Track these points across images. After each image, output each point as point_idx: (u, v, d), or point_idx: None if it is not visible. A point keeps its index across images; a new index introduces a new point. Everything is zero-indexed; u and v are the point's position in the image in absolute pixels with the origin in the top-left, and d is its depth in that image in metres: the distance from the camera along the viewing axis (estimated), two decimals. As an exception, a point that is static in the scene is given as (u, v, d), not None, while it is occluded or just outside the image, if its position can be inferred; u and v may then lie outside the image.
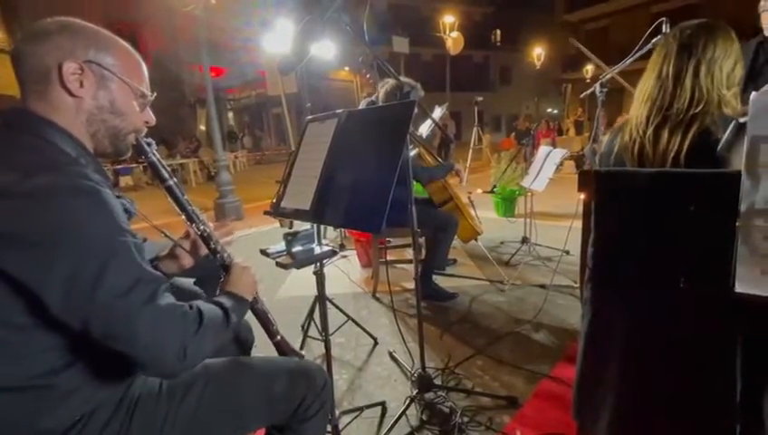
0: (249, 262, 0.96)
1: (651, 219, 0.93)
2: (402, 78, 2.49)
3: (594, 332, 1.12)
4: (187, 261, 0.97)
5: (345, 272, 3.16)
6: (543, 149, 2.83)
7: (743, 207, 0.54)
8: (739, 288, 0.49)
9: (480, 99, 7.11)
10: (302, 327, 2.15)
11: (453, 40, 9.04)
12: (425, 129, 3.87)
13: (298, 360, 0.96)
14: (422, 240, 2.71)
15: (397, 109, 1.07)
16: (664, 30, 1.72)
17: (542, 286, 2.65)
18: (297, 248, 1.09)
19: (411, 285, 2.71)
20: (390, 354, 1.94)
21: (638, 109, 1.10)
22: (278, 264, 1.06)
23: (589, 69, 16.56)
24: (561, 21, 21.06)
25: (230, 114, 20.48)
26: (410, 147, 2.76)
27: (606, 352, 1.11)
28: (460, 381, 1.73)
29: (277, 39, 5.27)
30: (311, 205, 1.08)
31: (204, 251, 0.96)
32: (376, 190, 0.94)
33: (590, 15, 19.73)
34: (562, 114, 16.53)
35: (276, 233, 4.08)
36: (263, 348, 1.15)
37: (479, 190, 5.80)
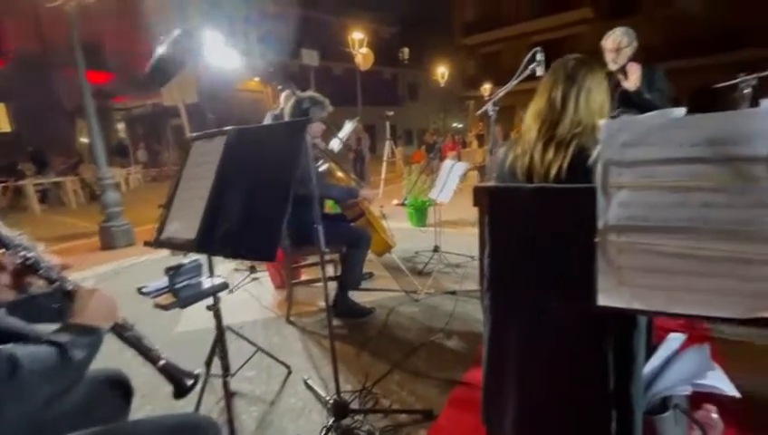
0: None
1: (532, 233, 1.02)
2: (307, 93, 2.43)
3: (494, 339, 1.17)
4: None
5: (256, 296, 2.95)
6: (447, 162, 3.00)
7: (600, 224, 0.60)
8: (601, 301, 0.54)
9: (391, 113, 7.35)
10: (206, 364, 1.93)
11: (363, 56, 9.28)
12: (336, 143, 3.85)
13: (182, 415, 0.83)
14: (336, 257, 2.66)
15: (289, 127, 1.01)
16: (538, 58, 1.95)
17: (453, 293, 2.77)
18: (182, 284, 0.95)
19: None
20: (305, 382, 1.84)
21: (530, 126, 1.22)
22: (157, 305, 0.91)
23: (486, 87, 18.31)
24: (461, 44, 23.06)
25: (121, 125, 18.19)
26: (320, 162, 2.72)
27: (505, 357, 1.17)
28: (378, 401, 1.70)
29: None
30: (196, 233, 0.96)
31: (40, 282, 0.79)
32: (268, 215, 0.87)
33: (485, 40, 21.95)
34: (466, 128, 18.01)
35: (177, 260, 3.67)
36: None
37: (395, 201, 5.95)
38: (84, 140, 13.19)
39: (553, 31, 19.25)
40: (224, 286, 1.02)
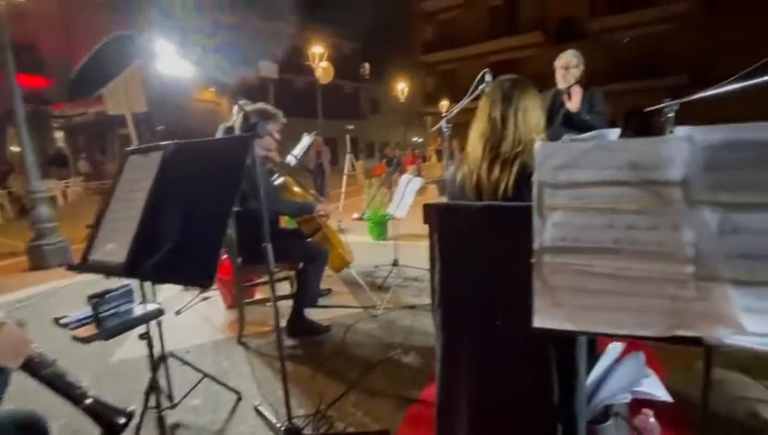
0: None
1: (480, 250, 1.04)
2: (257, 105, 2.38)
3: (446, 355, 1.17)
4: None
5: (206, 317, 2.79)
6: (404, 177, 3.03)
7: (535, 245, 0.61)
8: (537, 323, 0.54)
9: (351, 127, 7.38)
10: (145, 395, 1.78)
11: (323, 70, 9.29)
12: (294, 156, 3.78)
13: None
14: (293, 273, 2.58)
15: (232, 143, 0.97)
16: (487, 79, 2.04)
17: (412, 307, 2.77)
18: (108, 313, 0.87)
19: (283, 324, 2.53)
20: (255, 409, 1.74)
21: (474, 145, 1.26)
22: (76, 338, 0.82)
23: (444, 104, 18.92)
24: (420, 61, 23.79)
25: (59, 134, 16.86)
26: (275, 176, 2.65)
27: (457, 373, 1.17)
28: (332, 425, 1.64)
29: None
30: (126, 256, 0.89)
31: None
32: (205, 237, 0.81)
33: (443, 58, 22.78)
34: (426, 143, 18.44)
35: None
36: None
37: (355, 215, 5.92)
38: (15, 148, 12.07)
39: (507, 52, 20.37)
40: (157, 313, 0.94)
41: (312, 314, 2.57)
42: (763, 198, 0.54)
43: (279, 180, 2.59)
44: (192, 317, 2.82)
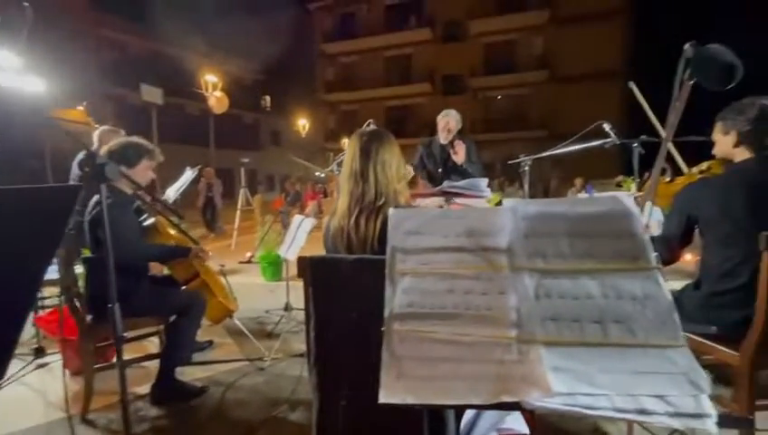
0: None
1: (354, 306, 1.02)
2: (128, 140, 2.12)
3: (322, 417, 1.11)
4: None
5: (40, 390, 2.24)
6: (296, 218, 2.95)
7: (386, 313, 0.62)
8: (382, 398, 0.53)
9: (246, 160, 7.04)
10: None
11: (216, 99, 8.82)
12: (173, 191, 3.43)
13: None
14: (162, 328, 2.25)
15: (56, 194, 0.81)
16: (372, 127, 2.15)
17: (302, 355, 2.62)
18: None
19: (145, 390, 2.16)
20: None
21: (342, 199, 1.26)
22: None
23: (345, 141, 19.50)
24: (322, 99, 24.38)
25: None
26: (145, 216, 2.33)
27: (335, 433, 1.11)
28: None
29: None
30: None
31: None
32: (2, 309, 0.64)
33: (344, 99, 23.73)
34: (328, 178, 18.56)
35: None
36: None
37: (248, 254, 5.53)
38: None
39: (401, 98, 22.20)
40: None
41: (188, 372, 2.26)
42: (569, 265, 0.63)
43: (149, 221, 2.29)
44: (20, 392, 2.23)
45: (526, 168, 2.54)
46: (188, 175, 3.40)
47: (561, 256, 0.63)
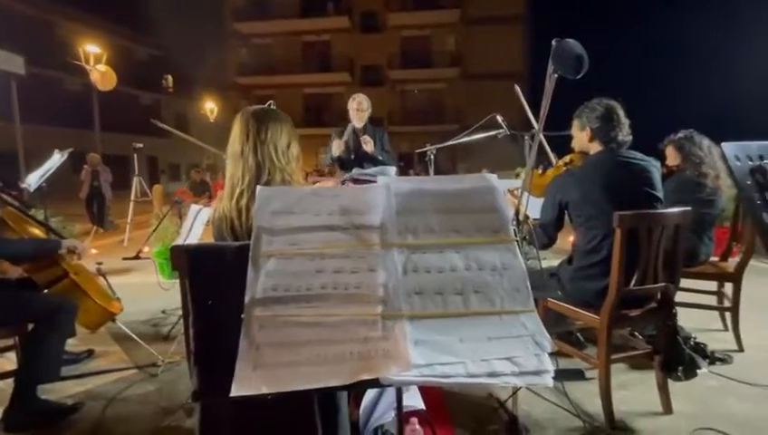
0: None
1: (239, 298, 0.94)
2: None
3: (206, 428, 1.01)
4: None
5: None
6: (193, 208, 2.69)
7: (246, 299, 0.56)
8: (234, 391, 0.48)
9: (139, 145, 6.24)
10: None
11: (100, 74, 7.58)
12: (35, 178, 2.90)
13: None
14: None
15: None
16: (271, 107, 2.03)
17: (203, 356, 2.42)
18: None
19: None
20: None
21: (226, 182, 1.16)
22: None
23: (261, 129, 18.45)
24: (233, 82, 22.68)
25: None
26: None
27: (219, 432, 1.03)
28: None
29: None
30: None
31: None
32: None
33: (258, 83, 22.38)
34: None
35: None
36: None
37: (146, 249, 4.95)
38: None
39: (320, 87, 21.69)
40: None
41: (58, 389, 1.93)
42: (437, 239, 0.64)
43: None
44: None
45: (431, 156, 2.64)
46: (56, 159, 2.87)
47: (430, 232, 0.64)
